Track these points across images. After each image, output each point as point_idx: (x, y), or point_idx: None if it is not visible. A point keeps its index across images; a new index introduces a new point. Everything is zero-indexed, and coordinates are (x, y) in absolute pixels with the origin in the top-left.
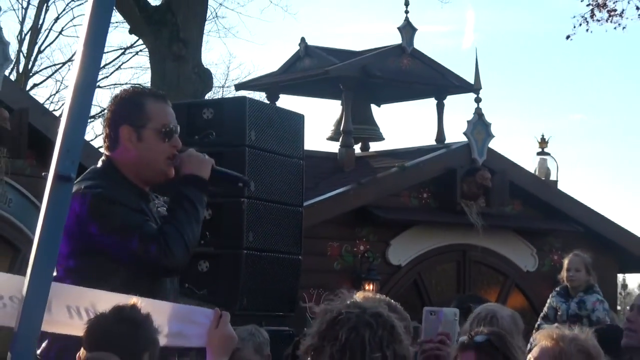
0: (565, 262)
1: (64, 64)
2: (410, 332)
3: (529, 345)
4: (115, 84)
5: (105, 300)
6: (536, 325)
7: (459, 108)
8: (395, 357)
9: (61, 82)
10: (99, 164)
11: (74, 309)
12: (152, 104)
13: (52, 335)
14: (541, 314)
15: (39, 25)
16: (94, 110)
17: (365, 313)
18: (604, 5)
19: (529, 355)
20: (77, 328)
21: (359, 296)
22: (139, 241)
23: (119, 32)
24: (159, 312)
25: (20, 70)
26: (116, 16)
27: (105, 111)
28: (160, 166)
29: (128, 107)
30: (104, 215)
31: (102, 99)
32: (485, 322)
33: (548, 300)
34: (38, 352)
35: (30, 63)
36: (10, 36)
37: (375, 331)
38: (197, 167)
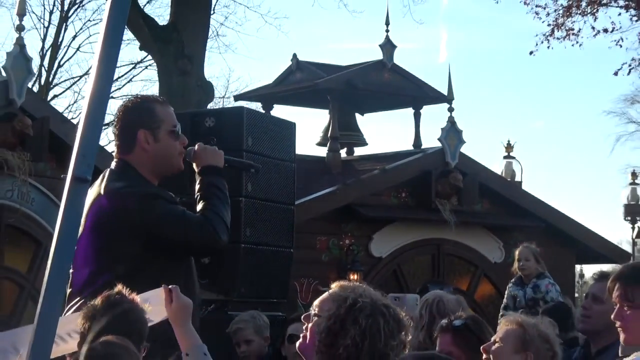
0: (516, 253)
1: (81, 77)
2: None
3: None
4: (127, 95)
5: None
6: (499, 316)
7: (434, 117)
8: (402, 345)
9: (78, 94)
10: (114, 166)
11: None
12: (160, 108)
13: None
14: (502, 305)
15: (59, 43)
16: (107, 119)
17: (377, 303)
18: (563, 25)
19: (494, 337)
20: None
21: (336, 285)
22: (189, 229)
23: (130, 49)
24: None
25: (42, 82)
26: (128, 34)
27: (116, 119)
28: (174, 160)
29: (141, 113)
30: (151, 209)
31: (115, 108)
32: (433, 305)
33: (506, 291)
34: None
35: (51, 76)
36: (33, 52)
37: (387, 320)
38: (213, 158)
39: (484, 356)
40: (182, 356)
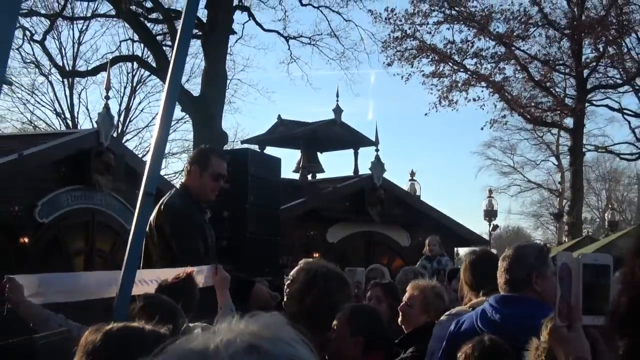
0: (427, 241)
1: (143, 128)
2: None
3: None
4: (173, 140)
5: (164, 274)
6: (417, 264)
7: (366, 155)
8: (347, 298)
9: (141, 139)
10: (178, 187)
11: (144, 282)
12: (214, 158)
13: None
14: (418, 264)
15: (129, 106)
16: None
17: (330, 271)
18: (446, 97)
19: (404, 298)
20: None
21: (304, 261)
22: (183, 254)
23: (175, 110)
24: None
25: (119, 131)
26: None
27: (189, 156)
28: (208, 195)
29: (200, 156)
30: (173, 222)
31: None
32: (373, 271)
33: (418, 263)
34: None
35: (125, 128)
36: (114, 112)
37: (337, 282)
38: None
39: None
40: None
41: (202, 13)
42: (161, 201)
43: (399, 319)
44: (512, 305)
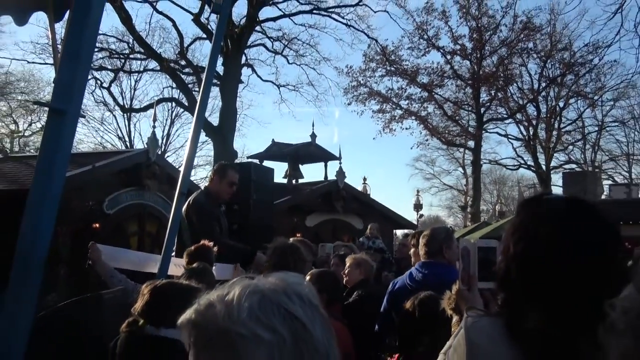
0: (369, 226)
1: (179, 148)
2: (315, 254)
3: None
4: (199, 156)
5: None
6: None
7: (333, 166)
8: (310, 264)
9: (178, 155)
10: (203, 189)
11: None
12: (231, 171)
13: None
14: (360, 240)
15: (169, 132)
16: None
17: (300, 247)
18: (388, 127)
19: (347, 265)
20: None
21: (277, 240)
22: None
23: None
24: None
25: (162, 151)
26: None
27: (213, 168)
28: (223, 197)
29: (220, 169)
30: (197, 215)
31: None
32: (337, 247)
33: (361, 239)
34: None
35: (166, 147)
36: (158, 136)
37: (303, 253)
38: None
39: (345, 278)
40: None
41: (220, 68)
42: (190, 198)
43: (344, 279)
44: (429, 267)
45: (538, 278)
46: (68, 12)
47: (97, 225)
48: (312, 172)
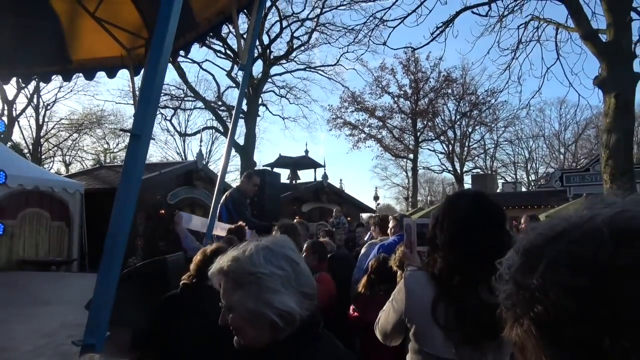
0: (334, 210)
1: (217, 159)
2: (308, 229)
3: None
4: (231, 164)
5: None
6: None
7: (320, 172)
8: (297, 237)
9: (217, 165)
10: (235, 187)
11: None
12: (254, 176)
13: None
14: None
15: (211, 149)
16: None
17: (297, 226)
18: (356, 145)
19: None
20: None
21: (281, 220)
22: (242, 217)
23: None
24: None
25: (206, 161)
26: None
27: (242, 173)
28: (249, 193)
29: (248, 174)
30: (234, 204)
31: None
32: (321, 225)
33: (331, 219)
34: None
35: (209, 159)
36: (204, 151)
37: (292, 229)
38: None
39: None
40: None
41: (245, 107)
42: (227, 193)
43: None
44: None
45: (455, 243)
46: (143, 69)
47: (163, 211)
48: (306, 176)
